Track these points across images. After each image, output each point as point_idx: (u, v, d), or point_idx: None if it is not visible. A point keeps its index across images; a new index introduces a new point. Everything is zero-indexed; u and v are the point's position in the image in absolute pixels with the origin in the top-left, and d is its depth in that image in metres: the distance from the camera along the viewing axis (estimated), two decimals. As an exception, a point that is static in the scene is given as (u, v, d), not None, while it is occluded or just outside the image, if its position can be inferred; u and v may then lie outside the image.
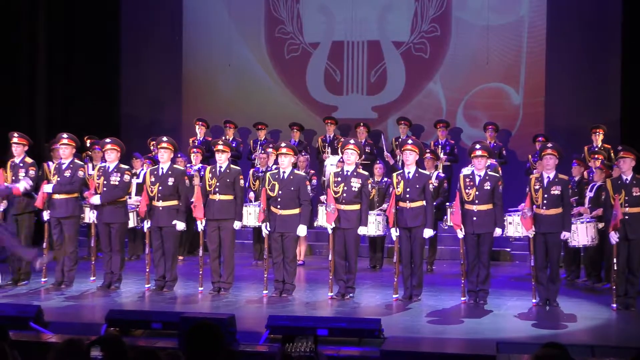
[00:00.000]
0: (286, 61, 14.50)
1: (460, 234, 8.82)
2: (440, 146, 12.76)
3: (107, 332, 7.00)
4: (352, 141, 9.21)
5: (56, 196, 9.42)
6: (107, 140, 9.58)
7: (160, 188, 9.31)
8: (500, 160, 12.29)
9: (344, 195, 8.97)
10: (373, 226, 10.57)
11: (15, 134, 9.72)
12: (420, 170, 9.12)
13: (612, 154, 11.52)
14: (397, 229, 8.89)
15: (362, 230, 9.04)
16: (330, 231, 9.03)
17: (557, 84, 13.50)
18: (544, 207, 8.61)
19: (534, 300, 8.69)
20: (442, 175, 11.29)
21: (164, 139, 9.53)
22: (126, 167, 9.73)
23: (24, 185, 9.30)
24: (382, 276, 10.63)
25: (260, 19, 14.59)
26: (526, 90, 13.75)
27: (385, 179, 11.07)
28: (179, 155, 12.11)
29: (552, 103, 13.53)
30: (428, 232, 8.87)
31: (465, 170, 9.44)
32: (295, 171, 9.31)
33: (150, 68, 14.72)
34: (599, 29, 13.37)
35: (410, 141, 9.14)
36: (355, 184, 8.97)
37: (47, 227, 9.64)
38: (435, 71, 14.06)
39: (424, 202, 8.89)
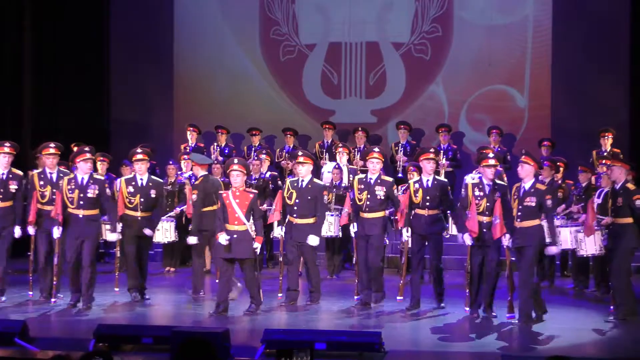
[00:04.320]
0: (281, 63, 14.54)
1: (469, 241, 8.73)
2: (442, 151, 12.78)
3: (96, 347, 7.02)
4: (376, 149, 9.36)
5: (49, 208, 9.39)
6: (86, 148, 9.30)
7: (142, 200, 9.49)
8: (504, 165, 12.33)
9: (368, 203, 9.15)
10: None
11: (7, 144, 9.65)
12: (437, 177, 9.30)
13: (622, 158, 11.57)
14: (408, 230, 9.09)
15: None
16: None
17: (563, 85, 13.56)
18: (518, 219, 8.45)
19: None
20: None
21: (138, 150, 9.69)
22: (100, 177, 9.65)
23: None
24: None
25: (254, 20, 14.63)
26: (531, 93, 13.80)
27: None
28: (170, 162, 12.16)
29: (559, 106, 13.58)
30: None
31: (470, 178, 9.52)
32: (315, 180, 9.49)
33: (140, 71, 14.73)
34: (606, 28, 13.42)
35: (431, 149, 9.40)
36: (380, 192, 9.12)
37: (33, 240, 9.64)
38: (437, 73, 14.10)
39: (438, 210, 9.10)
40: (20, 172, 9.66)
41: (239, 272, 8.95)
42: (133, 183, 9.54)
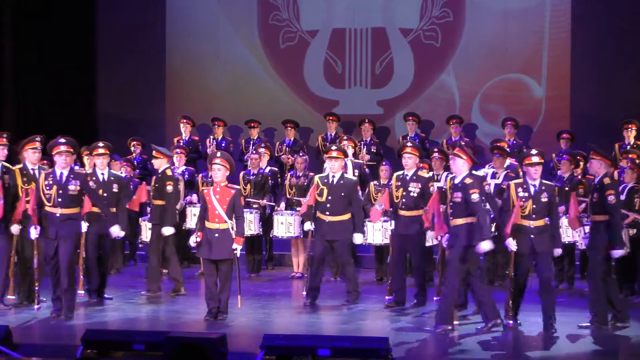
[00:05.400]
0: (281, 51, 14.52)
1: (513, 246, 8.31)
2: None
3: (84, 354, 7.01)
4: (409, 144, 9.51)
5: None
6: (61, 140, 9.00)
7: (105, 195, 9.64)
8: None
9: (403, 200, 9.30)
10: (379, 234, 10.68)
11: (4, 134, 9.66)
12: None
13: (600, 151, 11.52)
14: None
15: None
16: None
17: (583, 74, 13.52)
18: (451, 217, 8.38)
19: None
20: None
21: (100, 144, 9.90)
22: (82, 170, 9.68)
23: None
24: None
25: (252, 5, 14.61)
26: (549, 82, 13.77)
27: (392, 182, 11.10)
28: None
29: (579, 96, 13.54)
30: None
31: (483, 173, 9.49)
32: (346, 175, 9.64)
33: (130, 61, 14.72)
34: (630, 12, 13.38)
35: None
36: (415, 188, 9.24)
37: (15, 239, 9.62)
38: (448, 61, 14.08)
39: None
40: (9, 165, 9.66)
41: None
42: (94, 178, 9.67)
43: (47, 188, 8.80)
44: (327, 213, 9.40)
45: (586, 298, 10.18)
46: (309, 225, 9.64)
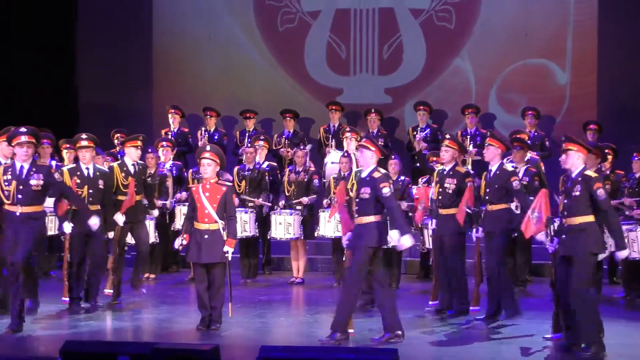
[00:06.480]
0: (280, 34, 14.51)
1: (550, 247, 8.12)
2: (469, 136, 12.80)
3: (62, 368, 6.97)
4: (448, 136, 9.57)
5: None
6: (22, 129, 8.71)
7: (90, 191, 9.66)
8: (542, 152, 12.31)
9: (440, 197, 9.39)
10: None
11: None
12: (504, 166, 9.24)
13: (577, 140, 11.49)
14: (479, 230, 9.23)
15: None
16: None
17: (611, 59, 13.51)
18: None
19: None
20: (472, 172, 11.27)
21: (83, 136, 9.87)
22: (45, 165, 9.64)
23: None
24: (399, 295, 10.60)
25: (248, -17, 14.64)
26: (574, 68, 13.76)
27: (402, 177, 11.08)
28: (150, 150, 12.08)
29: (606, 82, 13.54)
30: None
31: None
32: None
33: (114, 45, 14.74)
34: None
35: (488, 134, 9.55)
36: (450, 185, 9.29)
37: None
38: (463, 45, 14.07)
39: (506, 205, 9.05)
40: None
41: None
42: (78, 173, 9.71)
43: (6, 184, 8.58)
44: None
45: (614, 306, 10.21)
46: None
